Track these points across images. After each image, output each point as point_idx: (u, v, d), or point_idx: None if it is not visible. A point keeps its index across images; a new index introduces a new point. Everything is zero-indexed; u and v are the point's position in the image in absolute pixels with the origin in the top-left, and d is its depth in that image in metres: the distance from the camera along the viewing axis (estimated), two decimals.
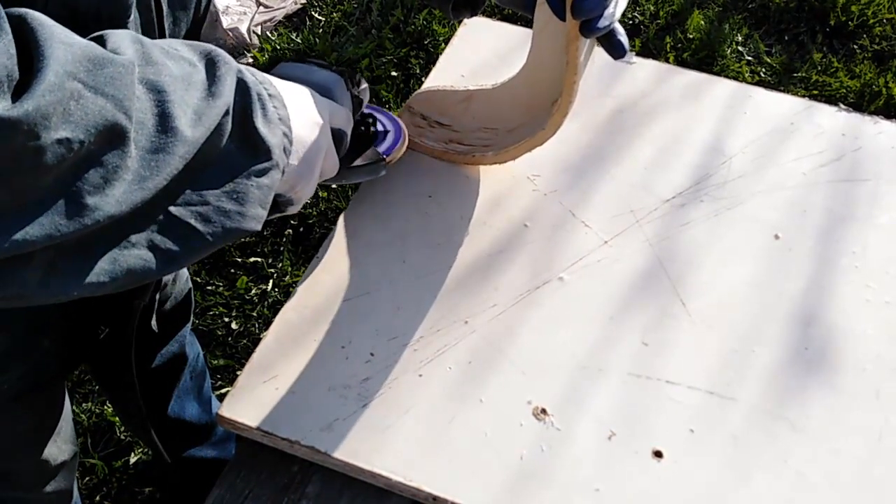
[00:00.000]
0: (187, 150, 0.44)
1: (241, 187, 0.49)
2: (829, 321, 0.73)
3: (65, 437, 0.83)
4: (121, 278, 0.44)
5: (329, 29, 1.98)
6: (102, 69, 0.40)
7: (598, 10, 0.62)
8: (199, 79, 0.47)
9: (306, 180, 0.59)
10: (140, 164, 0.42)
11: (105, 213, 0.41)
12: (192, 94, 0.45)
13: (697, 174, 0.84)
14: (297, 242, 1.63)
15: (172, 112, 0.43)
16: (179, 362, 1.03)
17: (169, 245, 0.46)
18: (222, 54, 0.49)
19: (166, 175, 0.43)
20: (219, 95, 0.47)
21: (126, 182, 0.42)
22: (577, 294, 0.74)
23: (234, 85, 0.48)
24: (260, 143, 0.50)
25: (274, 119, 0.51)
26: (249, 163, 0.49)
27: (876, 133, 0.88)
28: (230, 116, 0.48)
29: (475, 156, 0.81)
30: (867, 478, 0.65)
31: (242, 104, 0.49)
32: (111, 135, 0.41)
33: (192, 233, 0.47)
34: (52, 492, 0.85)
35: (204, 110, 0.45)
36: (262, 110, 0.50)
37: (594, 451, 0.65)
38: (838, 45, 2.00)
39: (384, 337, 0.71)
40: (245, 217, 0.49)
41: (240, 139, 0.49)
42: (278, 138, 0.52)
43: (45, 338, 0.68)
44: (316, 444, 0.65)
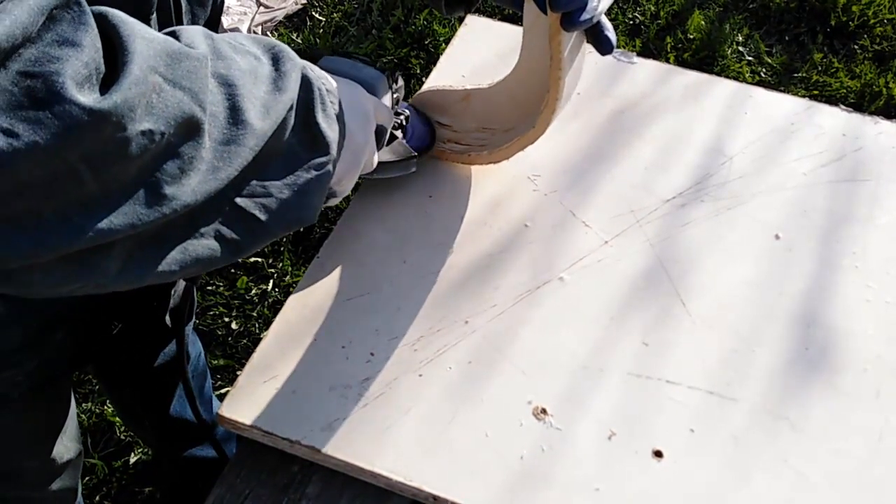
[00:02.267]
0: (256, 142, 0.46)
1: (302, 180, 0.51)
2: (830, 321, 0.73)
3: (71, 436, 0.83)
4: (189, 267, 0.46)
5: (329, 29, 1.98)
6: (180, 63, 0.41)
7: (577, 3, 0.62)
8: (266, 73, 0.48)
9: (352, 174, 0.60)
10: (213, 155, 0.44)
11: (182, 203, 0.42)
12: (260, 88, 0.47)
13: (698, 174, 0.84)
14: (297, 242, 1.63)
15: (242, 105, 0.45)
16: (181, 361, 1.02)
17: (234, 235, 0.48)
18: (286, 49, 0.51)
19: (237, 166, 0.45)
20: (285, 90, 0.48)
21: (201, 172, 0.43)
22: (577, 294, 0.74)
23: (298, 80, 0.50)
24: (320, 137, 0.51)
25: (332, 114, 0.53)
26: (310, 156, 0.51)
27: (876, 133, 0.88)
28: (294, 111, 0.49)
29: (471, 155, 0.80)
30: (867, 478, 0.65)
31: (306, 99, 0.51)
32: (188, 126, 0.42)
33: (256, 223, 0.49)
34: (57, 490, 0.85)
35: (271, 104, 0.47)
36: (321, 105, 0.52)
37: (594, 450, 0.65)
38: (839, 46, 2.00)
39: (384, 337, 0.71)
40: (305, 208, 0.51)
41: (301, 133, 0.51)
42: (335, 133, 0.53)
43: (59, 332, 0.69)
44: (316, 443, 0.65)
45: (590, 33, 0.67)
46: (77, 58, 0.36)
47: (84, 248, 0.40)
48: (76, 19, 0.37)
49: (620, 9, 2.06)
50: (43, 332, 0.67)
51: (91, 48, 0.37)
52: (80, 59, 0.36)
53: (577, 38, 0.68)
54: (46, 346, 0.68)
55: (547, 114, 0.72)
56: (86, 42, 0.37)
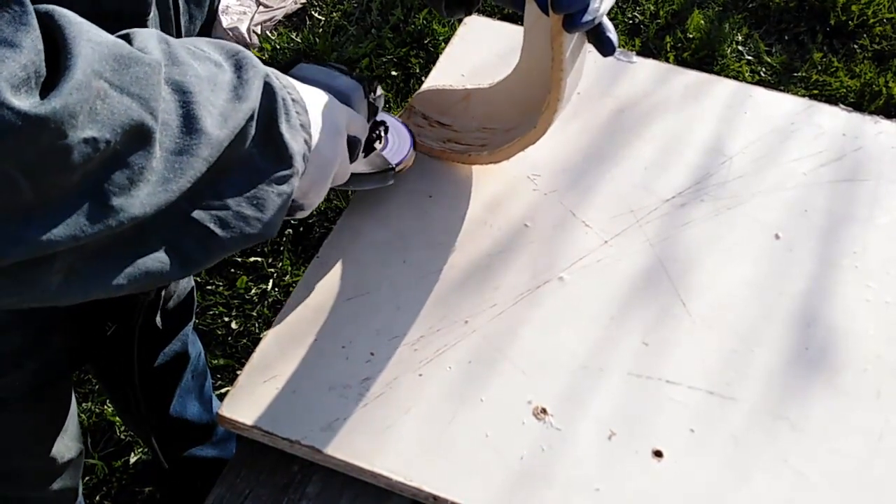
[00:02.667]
0: (211, 153, 0.44)
1: (262, 193, 0.49)
2: (830, 321, 0.73)
3: (71, 436, 0.83)
4: (139, 281, 0.44)
5: (329, 28, 1.98)
6: (129, 69, 0.39)
7: (579, 4, 0.61)
8: (226, 80, 0.46)
9: (319, 187, 0.59)
10: (164, 165, 0.42)
11: (130, 215, 0.41)
12: (219, 96, 0.45)
13: (698, 174, 0.84)
14: (296, 242, 1.63)
15: (198, 113, 0.43)
16: (181, 361, 1.03)
17: (187, 249, 0.46)
18: (250, 56, 0.49)
19: (190, 177, 0.43)
20: (245, 98, 0.46)
21: (151, 183, 0.41)
22: (577, 294, 0.74)
23: (261, 88, 0.48)
24: (283, 149, 0.49)
25: (296, 125, 0.51)
26: (271, 169, 0.49)
27: (876, 133, 0.88)
28: (255, 121, 0.47)
29: (471, 155, 0.80)
30: (867, 477, 0.65)
31: (268, 109, 0.49)
32: (137, 135, 0.40)
33: (211, 237, 0.47)
34: (58, 490, 0.85)
35: (229, 113, 0.45)
36: (286, 115, 0.50)
37: (594, 450, 0.65)
38: (838, 45, 2.00)
39: (384, 337, 0.71)
40: (263, 223, 0.49)
41: (263, 144, 0.49)
42: (300, 145, 0.51)
43: (57, 335, 0.68)
44: (316, 443, 0.65)
45: (591, 34, 0.66)
46: (14, 59, 0.34)
47: (21, 261, 0.38)
48: (16, 19, 0.35)
49: (620, 8, 2.06)
50: (41, 336, 0.67)
51: (31, 50, 0.35)
52: (17, 61, 0.34)
53: (578, 39, 0.68)
54: (45, 348, 0.68)
55: (548, 114, 0.72)
56: (25, 43, 0.35)
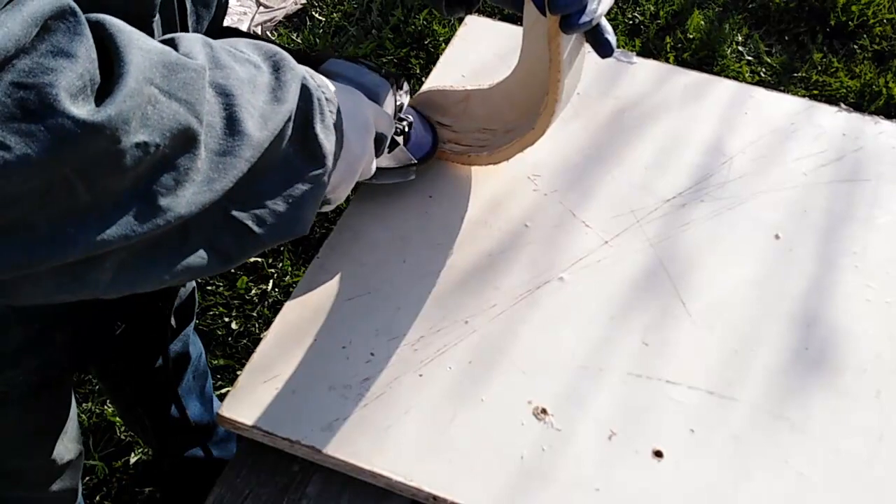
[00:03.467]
0: (253, 154, 0.45)
1: (297, 192, 0.50)
2: (830, 321, 0.73)
3: (71, 437, 0.83)
4: (180, 275, 0.46)
5: (329, 29, 1.98)
6: (177, 74, 0.41)
7: (576, 5, 0.61)
8: (265, 82, 0.47)
9: (347, 183, 0.60)
10: (209, 166, 0.43)
11: (176, 214, 0.42)
12: (259, 98, 0.46)
13: (698, 174, 0.84)
14: (297, 242, 1.63)
15: (240, 116, 0.44)
16: (182, 361, 1.03)
17: (225, 245, 0.47)
18: (287, 58, 0.50)
19: (233, 177, 0.44)
20: (284, 100, 0.47)
21: (196, 184, 0.43)
22: (577, 294, 0.74)
23: (298, 90, 0.49)
24: (317, 148, 0.51)
25: (330, 125, 0.52)
26: (306, 167, 0.50)
27: (876, 133, 0.88)
28: (292, 122, 0.49)
29: (470, 156, 0.80)
30: (868, 478, 0.65)
31: (304, 109, 0.50)
32: (184, 138, 0.41)
33: (249, 234, 0.48)
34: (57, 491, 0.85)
35: (270, 114, 0.46)
36: (321, 116, 0.51)
37: (594, 450, 0.65)
38: (838, 45, 2.00)
39: (384, 337, 0.71)
40: (297, 221, 0.51)
41: (299, 143, 0.50)
42: (332, 144, 0.52)
43: (59, 333, 0.68)
44: (316, 443, 0.65)
45: (589, 35, 0.66)
46: (71, 69, 0.36)
47: (76, 260, 0.40)
48: (71, 29, 0.36)
49: (620, 9, 2.06)
50: (44, 333, 0.67)
51: (86, 59, 0.37)
52: (75, 71, 0.36)
53: (576, 40, 0.68)
54: (47, 346, 0.68)
55: (546, 116, 0.72)
56: (80, 53, 0.36)
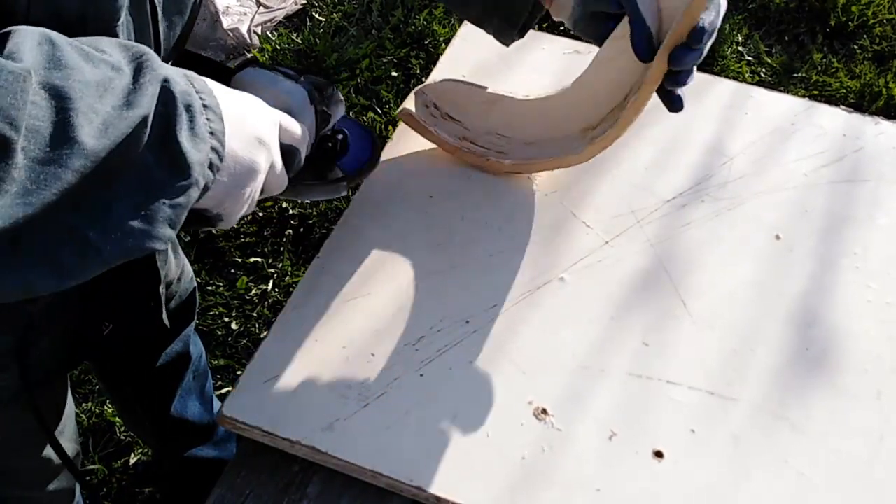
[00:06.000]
0: (85, 164, 0.42)
1: (152, 204, 0.46)
2: (830, 322, 0.73)
3: (68, 437, 0.82)
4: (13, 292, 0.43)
5: (329, 29, 1.98)
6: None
7: (693, 64, 0.65)
8: (121, 85, 0.44)
9: (235, 198, 0.55)
10: (27, 175, 0.40)
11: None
12: (106, 102, 0.43)
13: (698, 174, 0.84)
14: (297, 243, 1.63)
15: (74, 121, 0.41)
16: (183, 361, 1.03)
17: (63, 259, 0.44)
18: (152, 60, 0.46)
19: (56, 189, 0.41)
20: (135, 105, 0.44)
21: (9, 195, 0.39)
22: (577, 294, 0.74)
23: (156, 94, 0.45)
24: (180, 158, 0.47)
25: (202, 133, 0.48)
26: (166, 178, 0.47)
27: (877, 133, 0.88)
28: (148, 128, 0.45)
29: (489, 160, 0.80)
30: (868, 478, 0.65)
31: (165, 115, 0.46)
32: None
33: (89, 248, 0.44)
34: (54, 490, 0.85)
35: (113, 121, 0.43)
36: (189, 122, 0.47)
37: (595, 451, 0.65)
38: (838, 46, 2.00)
39: (385, 337, 0.71)
40: (150, 237, 0.47)
41: (159, 152, 0.46)
42: (203, 154, 0.48)
43: (44, 337, 0.68)
44: (317, 444, 0.64)
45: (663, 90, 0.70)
46: None
47: None
48: None
49: None
50: (27, 338, 0.66)
51: None
52: None
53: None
54: (32, 350, 0.67)
55: (598, 146, 0.74)
56: None
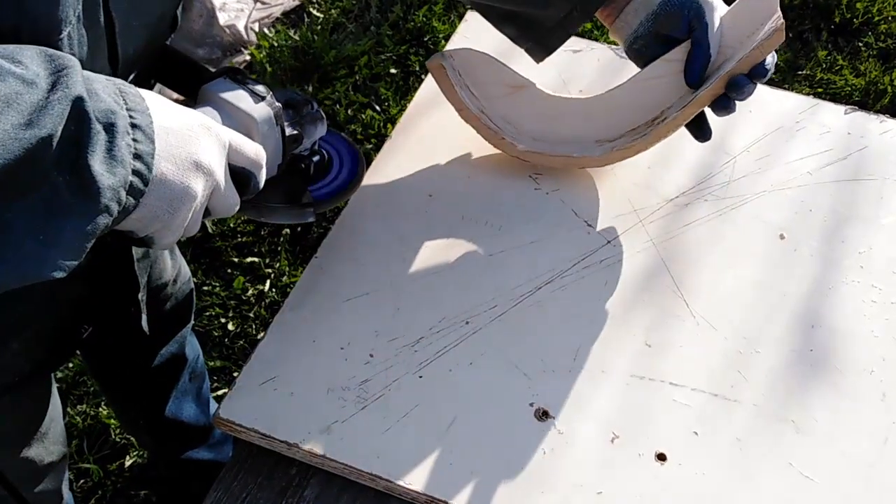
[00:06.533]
0: None
1: (53, 229, 0.44)
2: (835, 322, 0.73)
3: (53, 439, 0.81)
4: None
5: (327, 26, 1.97)
6: None
7: (745, 96, 0.68)
8: (28, 101, 0.41)
9: (167, 221, 0.52)
10: None
11: None
12: (7, 118, 0.40)
13: (701, 173, 0.83)
14: (294, 242, 1.62)
15: None
16: (178, 363, 1.02)
17: None
18: (71, 75, 0.44)
19: None
20: (37, 125, 0.41)
21: None
22: (579, 294, 0.73)
23: (65, 112, 0.43)
24: (90, 182, 0.44)
25: (122, 156, 0.46)
26: (72, 201, 0.44)
27: (882, 132, 0.87)
28: (54, 148, 0.42)
29: (504, 139, 0.78)
30: (873, 481, 0.64)
31: (76, 136, 0.44)
32: None
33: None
34: (39, 492, 0.84)
35: (7, 140, 0.40)
36: (107, 143, 0.45)
37: (597, 453, 0.64)
38: (843, 43, 1.99)
39: (384, 338, 0.70)
40: (45, 263, 0.44)
41: (70, 173, 0.44)
42: (118, 178, 0.45)
43: (13, 340, 0.66)
44: (315, 446, 0.64)
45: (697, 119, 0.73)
46: None
47: None
48: None
49: None
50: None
51: None
52: None
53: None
54: (2, 353, 0.66)
55: (620, 154, 0.76)
56: None
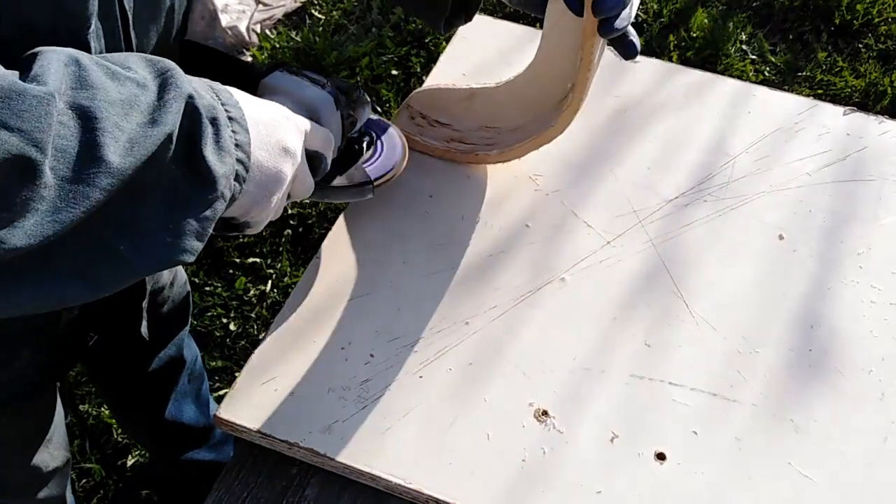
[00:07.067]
0: (112, 182, 0.43)
1: (181, 217, 0.47)
2: (834, 322, 0.73)
3: (57, 444, 0.82)
4: (42, 304, 0.44)
5: (329, 27, 1.97)
6: (9, 102, 0.39)
7: (618, 9, 0.63)
8: (146, 102, 0.45)
9: (263, 206, 0.56)
10: (57, 194, 0.41)
11: (11, 246, 0.40)
12: (131, 120, 0.44)
13: (701, 174, 0.83)
14: (296, 243, 1.62)
15: (100, 140, 0.42)
16: (177, 365, 1.02)
17: (95, 273, 0.45)
18: (177, 76, 0.47)
19: (85, 207, 0.42)
20: (160, 123, 0.45)
21: (38, 213, 0.41)
22: (579, 295, 0.73)
23: (181, 110, 0.46)
24: (206, 172, 0.48)
25: (228, 146, 0.49)
26: (192, 192, 0.48)
27: (881, 133, 0.88)
28: (174, 143, 0.46)
29: (478, 154, 0.80)
30: (872, 480, 0.64)
31: (190, 131, 0.47)
32: (18, 168, 0.39)
33: (121, 262, 0.45)
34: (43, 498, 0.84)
35: (139, 139, 0.44)
36: (214, 136, 0.48)
37: (596, 453, 0.65)
38: (843, 44, 1.99)
39: (384, 338, 0.70)
40: (178, 249, 0.48)
41: (185, 166, 0.47)
42: (228, 167, 0.49)
43: (26, 349, 0.67)
44: (315, 446, 0.64)
45: (615, 38, 0.67)
46: None
47: None
48: None
49: None
50: (10, 349, 0.66)
51: None
52: None
53: (602, 41, 0.69)
54: (14, 363, 0.67)
55: (569, 113, 0.73)
56: None
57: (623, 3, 0.63)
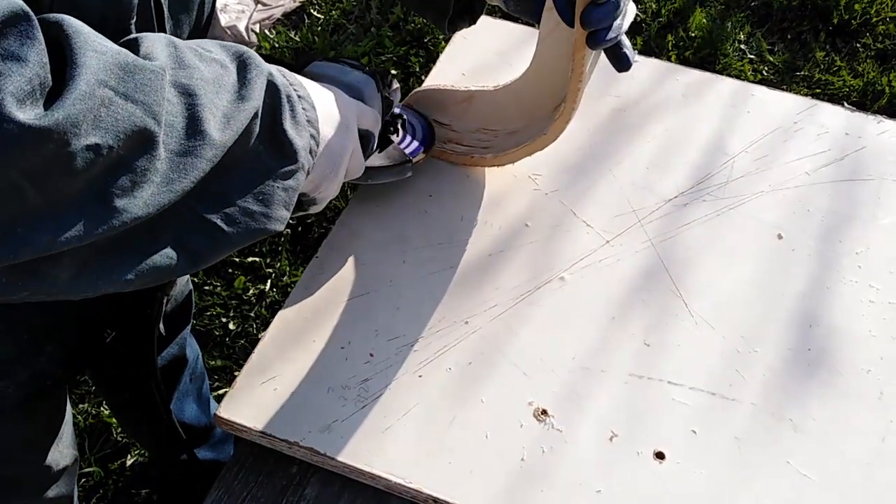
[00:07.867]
0: (215, 154, 0.46)
1: (267, 189, 0.50)
2: (832, 322, 0.73)
3: (66, 443, 0.82)
4: (147, 276, 0.46)
5: (328, 27, 1.97)
6: (133, 76, 0.41)
7: (606, 22, 0.63)
8: (230, 81, 0.48)
9: (330, 181, 0.60)
10: (169, 166, 0.44)
11: (132, 216, 0.42)
12: (223, 97, 0.47)
13: (700, 174, 0.83)
14: (295, 242, 1.63)
15: (202, 115, 0.45)
16: (179, 364, 1.02)
17: (194, 244, 0.48)
18: (254, 56, 0.50)
19: (193, 178, 0.45)
20: (248, 98, 0.48)
21: (154, 184, 0.43)
22: (578, 294, 0.74)
23: (263, 87, 0.49)
24: (287, 145, 0.51)
25: (302, 121, 0.53)
26: (276, 164, 0.51)
27: (879, 132, 0.88)
28: (258, 119, 0.49)
29: (474, 157, 0.80)
30: (870, 479, 0.64)
31: (272, 106, 0.50)
32: (140, 139, 0.42)
33: (218, 233, 0.48)
34: (53, 497, 0.84)
35: (233, 114, 0.47)
36: (290, 112, 0.51)
37: (595, 452, 0.65)
38: (841, 44, 1.99)
39: (384, 337, 0.70)
40: (269, 219, 0.51)
41: (268, 141, 0.50)
42: (305, 140, 0.53)
43: (49, 343, 0.68)
44: (315, 445, 0.64)
45: (609, 49, 0.68)
46: (20, 73, 0.36)
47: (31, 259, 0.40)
48: (23, 34, 0.37)
49: None
50: (33, 345, 0.67)
51: (36, 63, 0.37)
52: (24, 75, 0.37)
53: (595, 52, 0.69)
54: (38, 357, 0.68)
55: (561, 122, 0.73)
56: (31, 57, 0.37)
57: (613, 15, 0.63)
